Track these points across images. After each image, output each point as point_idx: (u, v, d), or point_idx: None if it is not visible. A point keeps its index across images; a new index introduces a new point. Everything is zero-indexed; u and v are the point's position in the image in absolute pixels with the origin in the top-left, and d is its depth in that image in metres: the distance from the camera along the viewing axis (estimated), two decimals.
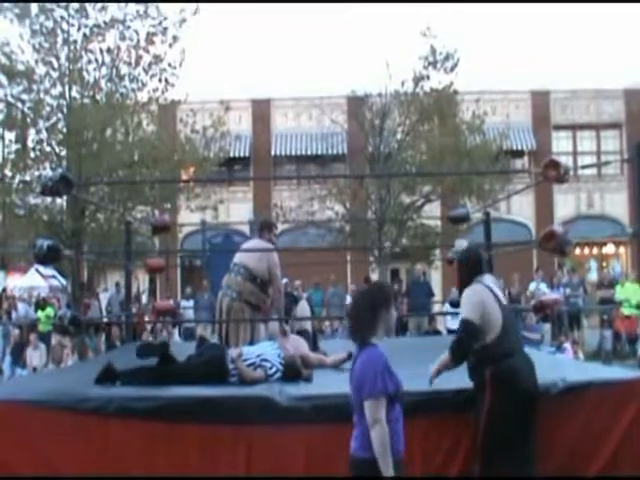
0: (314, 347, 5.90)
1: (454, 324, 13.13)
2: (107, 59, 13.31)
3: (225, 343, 5.74)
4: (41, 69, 13.18)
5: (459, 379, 3.96)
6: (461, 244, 4.60)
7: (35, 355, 12.66)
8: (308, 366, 4.87)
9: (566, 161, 6.01)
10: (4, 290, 17.39)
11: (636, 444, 3.94)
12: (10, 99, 13.28)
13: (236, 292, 5.87)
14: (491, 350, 3.79)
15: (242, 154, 23.20)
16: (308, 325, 6.42)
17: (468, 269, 4.12)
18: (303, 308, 6.88)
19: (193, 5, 13.77)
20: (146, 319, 12.82)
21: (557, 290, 14.59)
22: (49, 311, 14.18)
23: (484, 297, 3.92)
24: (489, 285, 4.01)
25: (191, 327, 13.92)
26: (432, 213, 18.62)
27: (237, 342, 5.76)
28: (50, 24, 13.03)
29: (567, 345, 11.84)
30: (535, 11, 46.53)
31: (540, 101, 24.02)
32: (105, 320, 14.72)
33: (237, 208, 22.49)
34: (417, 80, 17.14)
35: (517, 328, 3.99)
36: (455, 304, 9.91)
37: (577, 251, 21.94)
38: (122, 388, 4.29)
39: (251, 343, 5.71)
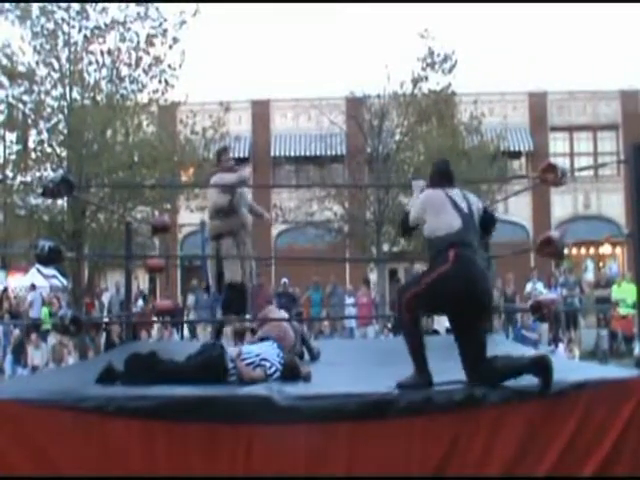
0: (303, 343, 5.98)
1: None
2: (107, 61, 13.37)
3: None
4: (42, 70, 13.23)
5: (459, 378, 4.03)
6: (418, 184, 4.86)
7: (36, 354, 12.74)
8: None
9: (563, 162, 6.06)
10: (5, 290, 17.45)
11: (632, 444, 3.93)
12: (11, 100, 13.31)
13: (209, 231, 6.66)
14: (454, 237, 4.01)
15: (242, 155, 23.24)
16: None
17: (432, 180, 4.47)
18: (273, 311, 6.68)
19: (193, 6, 13.84)
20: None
21: (554, 290, 14.66)
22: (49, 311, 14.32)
23: (431, 198, 4.24)
24: (447, 192, 4.25)
25: None
26: None
27: (212, 276, 6.57)
28: (51, 26, 13.08)
29: (560, 345, 11.93)
30: (532, 13, 46.66)
31: (537, 102, 24.08)
32: (105, 320, 14.78)
33: None
34: (415, 81, 17.20)
35: (477, 241, 4.13)
36: None
37: (574, 251, 22.02)
38: (122, 387, 4.29)
39: (220, 273, 6.40)
